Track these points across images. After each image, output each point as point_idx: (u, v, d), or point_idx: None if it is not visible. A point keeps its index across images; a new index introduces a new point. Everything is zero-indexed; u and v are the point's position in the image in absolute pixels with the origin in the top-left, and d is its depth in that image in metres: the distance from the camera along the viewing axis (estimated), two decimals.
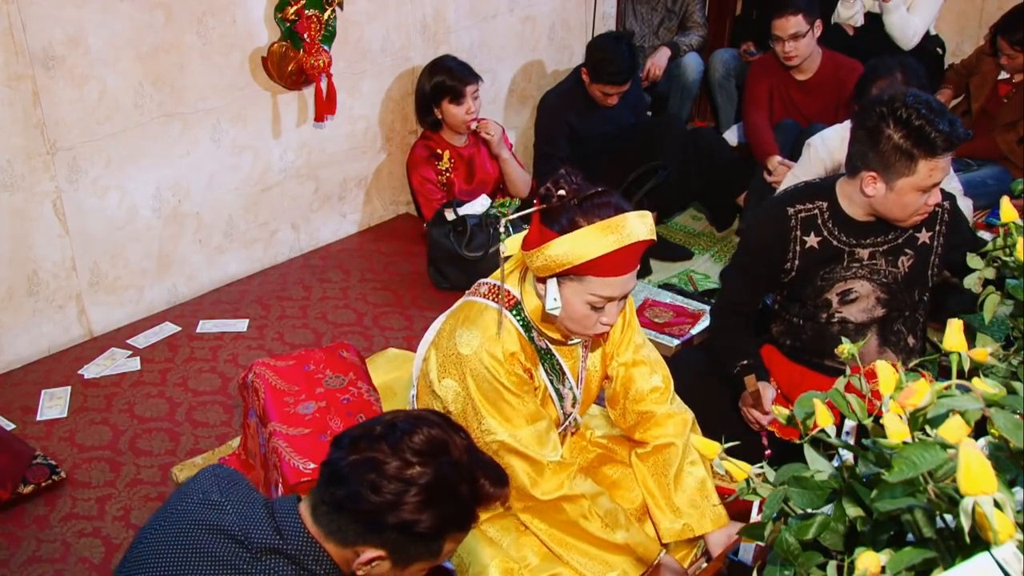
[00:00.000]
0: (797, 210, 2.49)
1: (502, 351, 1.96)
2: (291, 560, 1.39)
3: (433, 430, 1.43)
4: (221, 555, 1.39)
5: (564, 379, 2.10)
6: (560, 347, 2.08)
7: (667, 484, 2.17)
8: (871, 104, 2.33)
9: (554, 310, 1.92)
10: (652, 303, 3.44)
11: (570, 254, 1.82)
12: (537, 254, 1.86)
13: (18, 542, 2.41)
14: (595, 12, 4.67)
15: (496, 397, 1.97)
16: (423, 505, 1.37)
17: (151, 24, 3.08)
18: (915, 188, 2.29)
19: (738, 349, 2.55)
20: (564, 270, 1.85)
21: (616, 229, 1.82)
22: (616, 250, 1.82)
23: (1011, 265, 1.55)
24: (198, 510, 1.45)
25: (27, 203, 2.96)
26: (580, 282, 1.87)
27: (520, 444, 1.99)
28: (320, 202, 3.83)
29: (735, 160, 4.19)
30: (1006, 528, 0.92)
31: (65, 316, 3.16)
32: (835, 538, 1.11)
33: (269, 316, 3.37)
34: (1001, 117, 4.17)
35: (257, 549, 1.39)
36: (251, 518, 1.42)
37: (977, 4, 4.87)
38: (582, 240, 1.81)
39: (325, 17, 3.43)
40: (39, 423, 2.82)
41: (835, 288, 2.50)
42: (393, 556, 1.42)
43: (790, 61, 4.04)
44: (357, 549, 1.41)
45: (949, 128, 2.23)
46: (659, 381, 2.22)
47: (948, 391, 1.08)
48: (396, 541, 1.40)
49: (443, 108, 3.70)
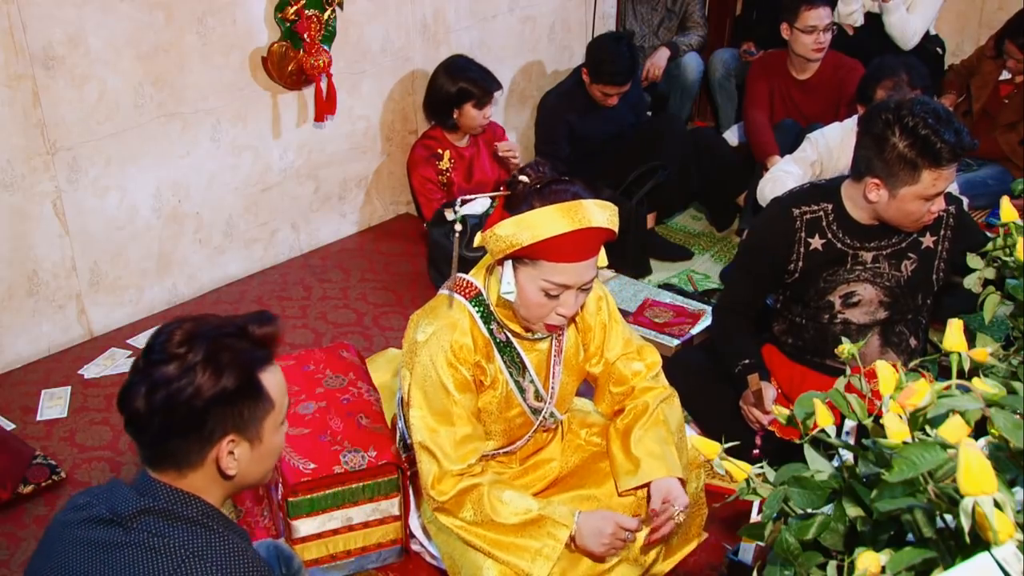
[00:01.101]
0: (802, 211, 2.48)
1: (451, 343, 1.98)
2: (160, 514, 1.39)
3: (184, 325, 1.43)
4: (97, 540, 1.39)
5: (525, 372, 2.09)
6: (523, 341, 2.07)
7: (629, 438, 2.15)
8: (877, 110, 2.32)
9: (508, 294, 1.94)
10: (652, 303, 3.44)
11: (520, 233, 1.84)
12: (490, 234, 1.89)
13: (18, 542, 2.41)
14: (595, 12, 4.67)
15: (432, 392, 1.99)
16: (216, 371, 1.37)
17: (151, 24, 3.08)
18: (918, 196, 2.28)
19: (739, 349, 2.55)
20: (517, 252, 1.86)
21: (569, 212, 1.84)
22: (568, 233, 1.83)
23: (1011, 265, 1.55)
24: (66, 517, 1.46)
25: (27, 203, 2.96)
26: (533, 266, 1.88)
27: (434, 444, 2.00)
28: (320, 202, 3.83)
29: (735, 160, 4.19)
30: (1006, 528, 0.92)
31: (65, 316, 3.16)
32: (835, 538, 1.11)
33: None
34: (1002, 118, 4.17)
35: (126, 517, 1.39)
36: (114, 497, 1.43)
37: (977, 4, 4.87)
38: (532, 220, 1.83)
39: (325, 17, 3.43)
40: (39, 423, 2.82)
41: (838, 290, 2.50)
42: (239, 430, 1.41)
43: (819, 53, 4.00)
44: (211, 457, 1.41)
45: (955, 138, 2.21)
46: (640, 367, 2.21)
47: (948, 391, 1.08)
48: (228, 418, 1.40)
49: (464, 110, 3.71)
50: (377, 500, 2.25)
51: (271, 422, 1.46)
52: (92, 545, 1.39)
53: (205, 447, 1.41)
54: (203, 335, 1.41)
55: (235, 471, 1.44)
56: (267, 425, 1.46)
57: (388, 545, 2.31)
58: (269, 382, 1.45)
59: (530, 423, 2.15)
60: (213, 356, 1.39)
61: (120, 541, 1.37)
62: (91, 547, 1.39)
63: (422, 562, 2.32)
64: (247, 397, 1.41)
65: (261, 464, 1.49)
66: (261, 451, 1.47)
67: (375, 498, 2.25)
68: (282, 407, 1.49)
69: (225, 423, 1.40)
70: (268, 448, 1.48)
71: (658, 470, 2.07)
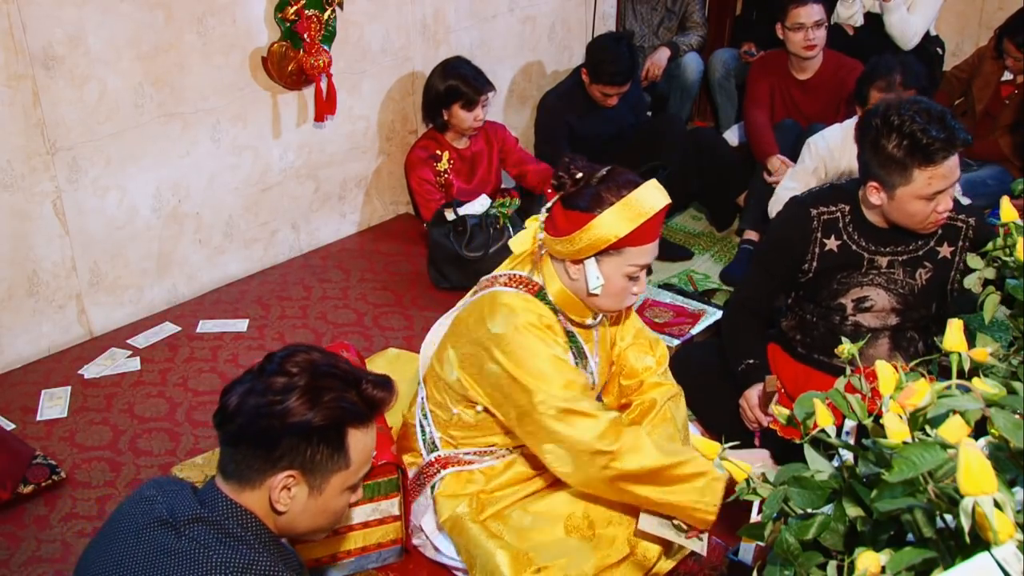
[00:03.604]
0: (820, 212, 2.48)
1: (540, 321, 2.01)
2: (212, 525, 1.39)
3: (312, 354, 1.44)
4: (149, 540, 1.39)
5: (587, 363, 2.14)
6: (581, 330, 2.13)
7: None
8: (869, 115, 2.32)
9: (597, 288, 1.99)
10: (652, 303, 3.44)
11: (614, 229, 1.91)
12: (579, 236, 1.94)
13: (18, 542, 2.41)
14: (595, 12, 4.67)
15: (543, 363, 1.98)
16: (310, 403, 1.38)
17: (151, 24, 3.08)
18: (915, 196, 2.26)
19: (745, 348, 2.55)
20: (606, 247, 1.93)
21: (644, 199, 1.92)
22: (655, 215, 1.93)
23: (1011, 265, 1.55)
24: (132, 509, 1.47)
25: (27, 203, 2.96)
26: (620, 255, 1.96)
27: (575, 404, 1.97)
28: (320, 202, 3.83)
29: (735, 160, 4.19)
30: (1006, 528, 0.92)
31: (65, 316, 3.16)
32: (835, 538, 1.11)
33: (269, 316, 3.37)
34: (1003, 118, 4.16)
35: (181, 522, 1.39)
36: (177, 499, 1.43)
37: (977, 4, 4.87)
38: (620, 215, 1.91)
39: (325, 17, 3.43)
40: (39, 423, 2.82)
41: (851, 294, 2.49)
42: (304, 471, 1.41)
43: (811, 51, 4.01)
44: (268, 483, 1.40)
45: (944, 134, 2.17)
46: (651, 362, 2.27)
47: (948, 391, 1.08)
48: (299, 452, 1.39)
49: (452, 111, 3.70)
50: (377, 500, 2.25)
51: (339, 480, 1.45)
52: (144, 546, 1.39)
53: (267, 470, 1.40)
54: (319, 367, 1.42)
55: (285, 508, 1.42)
56: (334, 481, 1.44)
57: (388, 545, 2.31)
58: (355, 441, 1.44)
59: None
60: (315, 388, 1.39)
61: (170, 547, 1.37)
62: (143, 548, 1.39)
63: (422, 561, 2.32)
64: (326, 443, 1.41)
65: (314, 518, 1.47)
66: (319, 504, 1.45)
67: (375, 498, 2.25)
68: (358, 472, 1.47)
69: (294, 456, 1.39)
70: (327, 505, 1.46)
71: None
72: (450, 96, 3.67)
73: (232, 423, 1.40)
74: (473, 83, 3.68)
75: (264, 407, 1.37)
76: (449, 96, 3.67)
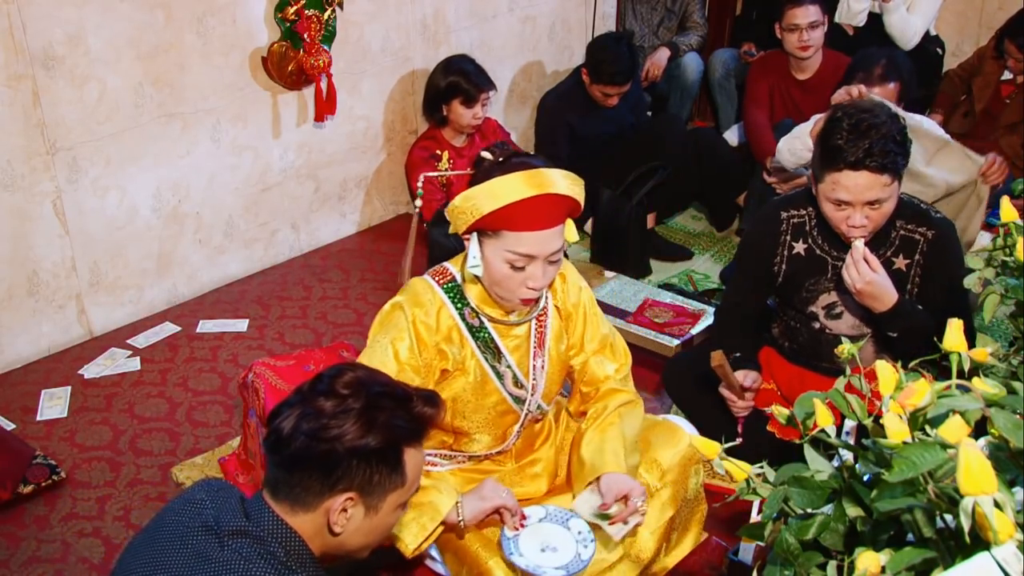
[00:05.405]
0: (790, 215, 2.47)
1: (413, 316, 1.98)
2: (256, 540, 1.39)
3: (358, 372, 1.45)
4: (193, 545, 1.40)
5: (500, 357, 2.07)
6: (498, 325, 2.06)
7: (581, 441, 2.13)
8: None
9: (474, 268, 1.95)
10: (652, 303, 3.44)
11: (481, 202, 1.85)
12: (452, 207, 1.91)
13: (18, 542, 2.41)
14: (595, 12, 4.67)
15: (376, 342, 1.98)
16: (366, 425, 1.38)
17: (151, 24, 3.08)
18: (824, 197, 2.25)
19: (731, 344, 2.54)
20: (480, 223, 1.87)
21: (530, 179, 1.85)
22: (529, 199, 1.84)
23: (1011, 265, 1.55)
24: (181, 509, 1.47)
25: (27, 203, 2.96)
26: (496, 237, 1.89)
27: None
28: (320, 202, 3.83)
29: (735, 160, 4.19)
30: (1006, 528, 0.92)
31: (65, 316, 3.16)
32: (835, 538, 1.11)
33: (269, 316, 3.37)
34: (1004, 118, 4.16)
35: (225, 533, 1.39)
36: (224, 508, 1.43)
37: (977, 4, 4.87)
38: (493, 188, 1.85)
39: (325, 17, 3.43)
40: (39, 423, 2.82)
41: (820, 300, 2.46)
42: (362, 493, 1.41)
43: (805, 52, 4.00)
44: (325, 506, 1.40)
45: (855, 148, 2.10)
46: (611, 369, 2.21)
47: (948, 391, 1.08)
48: (357, 474, 1.39)
49: (452, 107, 3.71)
50: None
51: (395, 498, 1.45)
52: (187, 550, 1.39)
53: (324, 493, 1.40)
54: (370, 387, 1.42)
55: (342, 530, 1.42)
56: (390, 499, 1.45)
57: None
58: (410, 459, 1.45)
59: (515, 413, 2.14)
60: (370, 410, 1.39)
61: (211, 556, 1.37)
62: (186, 552, 1.39)
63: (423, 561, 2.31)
64: (384, 463, 1.41)
65: (367, 536, 1.47)
66: (374, 522, 1.45)
67: None
68: (411, 489, 1.48)
69: (352, 478, 1.40)
70: (381, 522, 1.46)
71: (606, 464, 2.04)
72: (451, 92, 3.68)
73: (287, 448, 1.39)
74: (474, 80, 3.69)
75: (320, 431, 1.37)
76: (450, 92, 3.68)
